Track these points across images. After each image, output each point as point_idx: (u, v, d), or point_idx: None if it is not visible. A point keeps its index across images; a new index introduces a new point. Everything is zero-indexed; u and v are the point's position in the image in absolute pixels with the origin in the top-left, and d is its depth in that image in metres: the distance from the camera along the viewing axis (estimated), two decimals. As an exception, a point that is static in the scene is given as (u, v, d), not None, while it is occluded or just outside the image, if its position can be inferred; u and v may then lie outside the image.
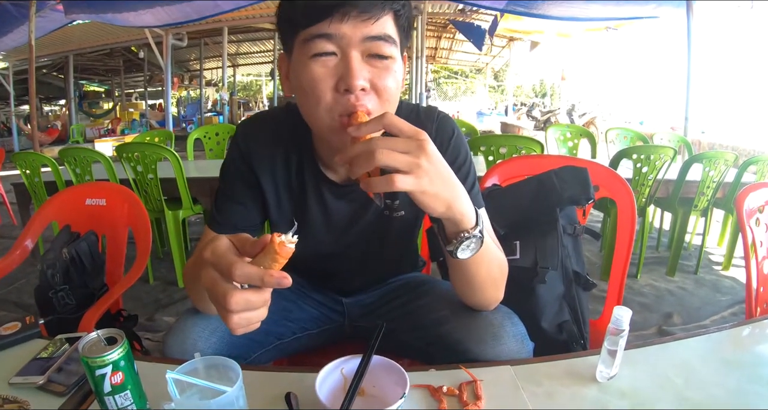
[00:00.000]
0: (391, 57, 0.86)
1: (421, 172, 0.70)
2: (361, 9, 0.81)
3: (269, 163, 1.07)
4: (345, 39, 0.82)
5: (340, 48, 0.84)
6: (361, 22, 0.82)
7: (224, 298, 0.62)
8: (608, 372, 0.89)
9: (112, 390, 0.68)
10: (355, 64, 0.82)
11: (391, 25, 0.86)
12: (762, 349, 1.11)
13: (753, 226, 1.59)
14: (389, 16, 0.85)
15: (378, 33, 0.83)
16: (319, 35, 0.83)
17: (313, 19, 0.82)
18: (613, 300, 1.55)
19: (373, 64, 0.85)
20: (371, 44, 0.84)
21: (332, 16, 0.81)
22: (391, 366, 0.83)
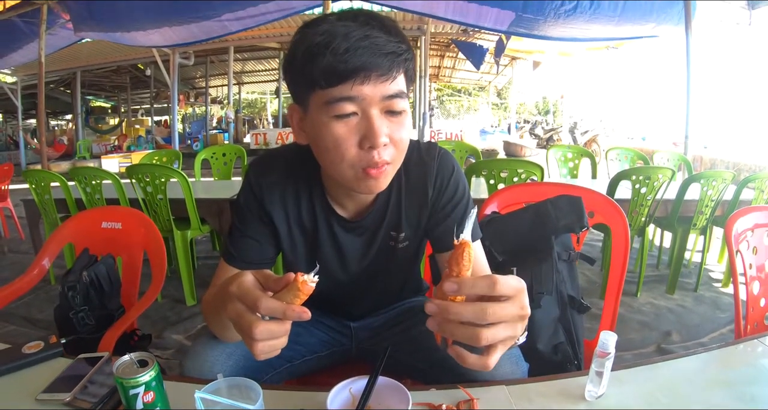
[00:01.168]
0: (404, 111, 0.93)
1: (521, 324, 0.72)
2: (381, 72, 0.87)
3: (280, 201, 1.14)
4: (366, 100, 0.88)
5: (361, 108, 0.89)
6: (380, 83, 0.88)
7: (250, 329, 0.69)
8: (596, 392, 0.96)
9: (144, 407, 0.76)
10: (377, 123, 0.89)
11: (403, 80, 0.93)
12: (747, 369, 1.16)
13: (743, 250, 1.66)
14: (402, 73, 0.92)
15: (394, 91, 0.90)
16: (342, 98, 0.88)
17: (336, 82, 0.87)
18: (607, 321, 1.61)
19: (389, 119, 0.92)
20: (389, 102, 0.90)
21: (355, 79, 0.86)
22: (395, 386, 0.90)
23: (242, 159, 5.07)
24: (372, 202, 1.15)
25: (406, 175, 1.14)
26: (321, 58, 0.85)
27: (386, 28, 0.89)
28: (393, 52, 0.88)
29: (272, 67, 21.86)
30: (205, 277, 4.18)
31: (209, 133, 18.85)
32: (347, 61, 0.84)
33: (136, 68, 18.90)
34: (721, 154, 11.18)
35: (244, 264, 1.10)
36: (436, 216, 1.15)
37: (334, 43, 0.84)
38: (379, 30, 0.88)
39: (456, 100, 38.44)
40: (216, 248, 4.89)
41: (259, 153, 5.06)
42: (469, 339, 0.67)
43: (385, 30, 0.89)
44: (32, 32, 7.40)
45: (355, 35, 0.85)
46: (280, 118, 21.53)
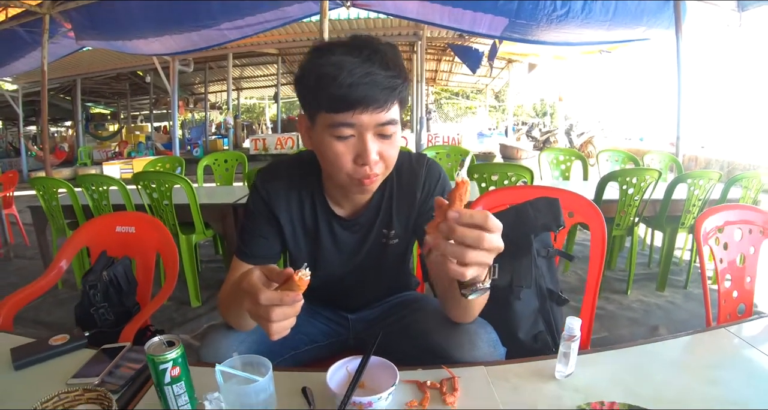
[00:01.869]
0: (395, 133, 1.10)
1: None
2: (377, 105, 1.03)
3: (285, 204, 1.30)
4: (363, 126, 1.06)
5: (358, 132, 1.07)
6: (376, 114, 1.05)
7: (267, 313, 0.84)
8: (564, 371, 1.09)
9: (171, 381, 0.88)
10: (370, 145, 1.07)
11: (396, 109, 1.09)
12: (712, 354, 1.27)
13: (713, 245, 1.78)
14: (396, 102, 1.08)
15: (387, 120, 1.07)
16: (342, 123, 1.05)
17: (339, 110, 1.04)
18: (586, 313, 1.72)
19: (381, 141, 1.10)
20: (381, 128, 1.07)
21: (353, 109, 1.03)
22: (385, 364, 1.05)
23: (243, 165, 5.19)
24: (366, 202, 1.32)
25: (398, 181, 1.32)
26: (328, 88, 1.02)
27: (385, 64, 1.04)
28: (389, 87, 1.04)
29: (270, 73, 21.95)
30: (208, 280, 4.32)
31: (209, 138, 18.97)
32: (350, 94, 1.01)
33: (136, 75, 18.98)
34: (716, 153, 11.32)
35: (254, 259, 1.28)
36: (423, 215, 1.31)
37: (340, 78, 1.00)
38: (379, 65, 1.03)
39: (454, 103, 38.56)
40: (219, 252, 5.00)
41: (258, 158, 5.22)
42: (458, 256, 0.82)
43: (384, 65, 1.04)
44: (34, 41, 7.50)
45: (358, 71, 1.01)
46: (279, 123, 21.62)
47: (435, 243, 0.83)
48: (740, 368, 1.16)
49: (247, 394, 0.88)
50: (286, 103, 31.04)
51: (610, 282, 4.11)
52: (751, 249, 1.81)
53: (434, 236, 0.83)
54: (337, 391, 0.96)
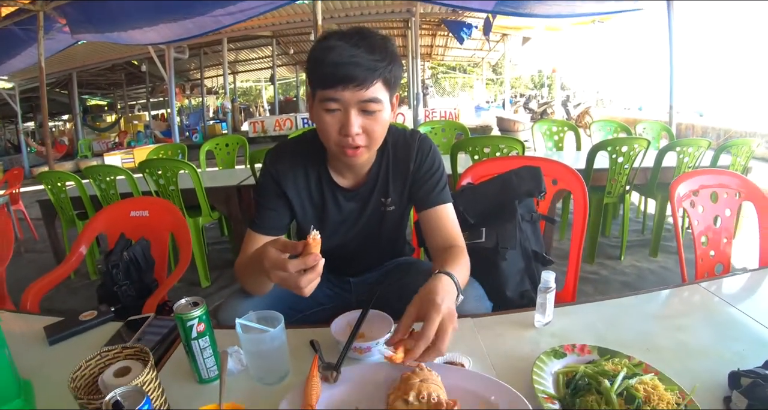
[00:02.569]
0: (378, 110, 1.23)
1: None
2: (357, 83, 1.17)
3: (293, 180, 1.44)
4: (346, 101, 1.20)
5: (342, 106, 1.21)
6: (357, 91, 1.19)
7: (297, 283, 1.00)
8: (543, 320, 1.22)
9: (197, 335, 1.02)
10: (352, 119, 1.21)
11: (380, 88, 1.22)
12: (682, 306, 1.40)
13: (688, 207, 1.91)
14: (379, 82, 1.21)
15: (369, 97, 1.20)
16: (329, 98, 1.20)
17: (325, 86, 1.20)
18: (571, 274, 1.86)
19: (365, 116, 1.23)
20: (364, 104, 1.21)
21: (337, 86, 1.18)
22: (382, 316, 1.20)
23: (244, 148, 5.31)
24: (366, 174, 1.47)
25: (393, 154, 1.46)
26: (319, 67, 1.19)
27: (371, 48, 1.19)
28: (370, 68, 1.18)
29: (266, 55, 21.85)
30: (216, 261, 4.47)
31: (207, 123, 18.98)
32: (335, 72, 1.17)
33: (131, 65, 18.92)
34: (714, 121, 11.35)
35: (266, 230, 1.42)
36: (416, 183, 1.46)
37: (328, 59, 1.17)
38: (365, 50, 1.18)
39: (451, 78, 38.40)
40: (224, 233, 5.16)
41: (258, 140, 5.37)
42: (438, 354, 1.00)
43: (369, 50, 1.18)
44: (30, 38, 7.52)
45: (344, 54, 1.16)
46: (277, 104, 21.60)
47: None
48: (708, 318, 1.27)
49: (263, 341, 1.02)
50: (283, 85, 30.96)
51: (604, 248, 4.24)
52: (727, 212, 1.93)
53: None
54: (340, 339, 1.11)
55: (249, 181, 3.94)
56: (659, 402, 0.87)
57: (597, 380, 0.93)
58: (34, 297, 1.87)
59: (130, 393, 0.79)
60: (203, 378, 1.07)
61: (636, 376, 0.93)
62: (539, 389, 0.94)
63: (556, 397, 0.94)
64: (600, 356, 1.06)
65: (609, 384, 0.91)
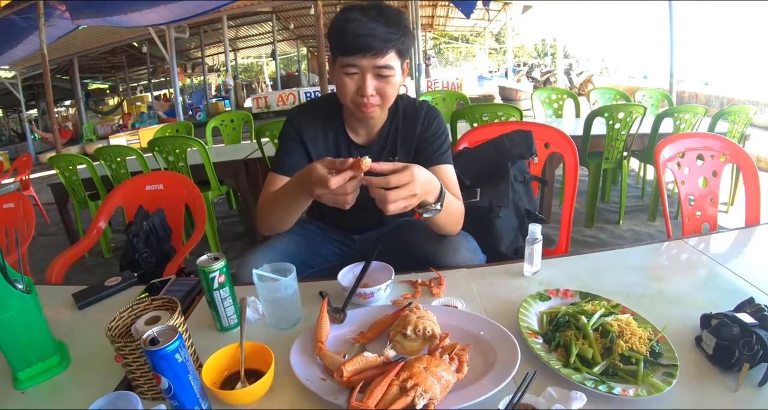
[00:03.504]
0: (391, 75, 1.40)
1: (413, 198, 1.14)
2: (374, 52, 1.33)
3: (312, 132, 1.62)
4: (362, 66, 1.37)
5: (360, 70, 1.38)
6: (373, 58, 1.35)
7: (344, 189, 1.12)
8: (531, 270, 1.34)
9: (219, 286, 1.14)
10: (368, 82, 1.38)
11: (394, 56, 1.38)
12: (665, 260, 1.51)
13: (674, 169, 2.00)
14: (393, 51, 1.37)
15: (383, 64, 1.36)
16: (349, 63, 1.37)
17: (346, 54, 1.36)
18: (564, 231, 1.96)
19: (379, 80, 1.40)
20: (379, 70, 1.38)
21: (356, 54, 1.35)
22: (384, 266, 1.33)
23: (249, 123, 5.42)
24: (378, 132, 1.63)
25: (403, 117, 1.62)
26: (341, 37, 1.36)
27: (388, 21, 1.34)
28: (385, 39, 1.33)
29: (266, 30, 21.78)
30: (225, 233, 4.61)
31: (210, 101, 18.96)
32: (355, 42, 1.33)
33: (132, 47, 18.85)
34: (717, 90, 11.27)
35: (287, 172, 1.54)
36: (422, 143, 1.60)
37: (349, 29, 1.32)
38: (382, 23, 1.33)
39: (453, 48, 38.05)
40: (233, 207, 5.31)
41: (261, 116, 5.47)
42: (380, 198, 1.12)
43: (385, 23, 1.33)
44: (30, 26, 7.51)
45: (364, 26, 1.32)
46: (279, 80, 21.55)
47: None
48: (688, 271, 1.37)
49: (277, 289, 1.14)
50: (284, 60, 30.79)
51: (603, 213, 4.33)
52: (713, 173, 2.02)
53: None
54: (346, 286, 1.24)
55: (255, 155, 4.05)
56: (632, 336, 0.96)
57: (576, 318, 1.04)
58: (60, 271, 1.99)
59: (165, 331, 0.89)
60: (224, 326, 1.19)
61: (612, 315, 1.04)
62: (524, 326, 1.05)
63: (539, 333, 1.05)
64: (581, 299, 1.16)
65: (586, 320, 1.01)
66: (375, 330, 1.08)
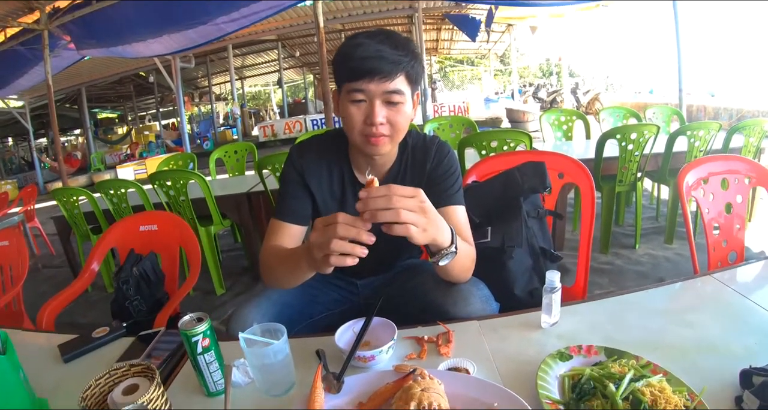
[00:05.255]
0: (401, 102, 1.30)
1: (420, 227, 1.04)
2: (382, 75, 1.24)
3: (316, 173, 1.50)
4: (371, 92, 1.27)
5: (368, 97, 1.28)
6: (381, 83, 1.25)
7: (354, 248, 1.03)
8: (549, 321, 1.21)
9: (203, 350, 1.04)
10: (377, 109, 1.28)
11: (403, 81, 1.29)
12: (693, 300, 1.37)
13: (699, 196, 1.88)
14: (402, 76, 1.28)
15: (392, 89, 1.27)
16: (355, 89, 1.27)
17: (352, 79, 1.27)
18: (581, 270, 1.82)
19: (388, 107, 1.30)
20: (388, 96, 1.27)
21: (363, 78, 1.25)
22: (386, 323, 1.20)
23: (253, 154, 5.33)
24: (386, 172, 1.51)
25: (412, 154, 1.51)
26: (347, 61, 1.27)
27: (395, 44, 1.26)
28: (394, 62, 1.25)
29: (272, 59, 21.99)
30: (230, 268, 4.50)
31: (217, 130, 19.09)
32: (362, 65, 1.24)
33: (139, 76, 19.12)
34: (725, 102, 11.15)
35: (290, 219, 1.47)
36: (432, 182, 1.47)
37: (356, 53, 1.24)
38: (389, 45, 1.25)
39: (459, 71, 38.28)
40: (237, 240, 5.19)
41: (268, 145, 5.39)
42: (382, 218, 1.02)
43: (393, 45, 1.26)
44: (36, 57, 7.67)
45: (370, 49, 1.24)
46: (285, 107, 21.68)
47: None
48: (719, 311, 1.24)
49: (267, 355, 1.03)
50: (291, 87, 31.06)
51: (618, 237, 4.20)
52: (738, 198, 1.89)
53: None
54: (344, 348, 1.12)
55: (258, 188, 3.95)
56: (666, 405, 0.86)
57: (602, 383, 0.92)
58: (50, 316, 1.90)
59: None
60: (211, 391, 1.09)
61: (643, 378, 0.92)
62: (543, 394, 0.93)
63: (561, 402, 0.93)
64: (607, 357, 1.04)
65: (614, 388, 0.89)
66: (375, 402, 0.96)
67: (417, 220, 1.03)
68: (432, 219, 1.06)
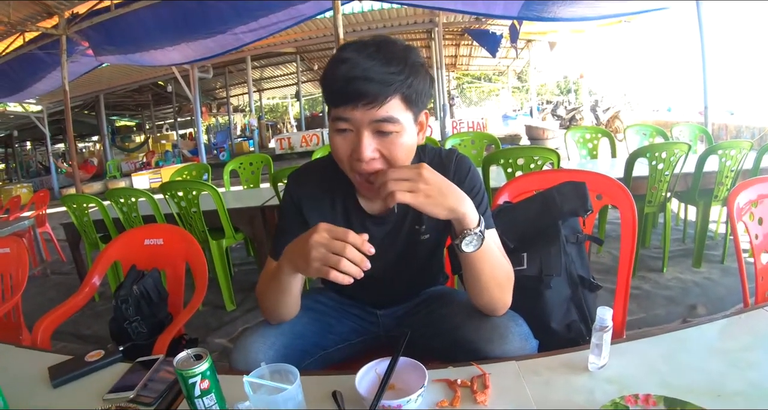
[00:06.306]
0: (395, 132, 1.09)
1: (418, 191, 1.00)
2: (367, 100, 1.03)
3: (317, 206, 1.32)
4: (357, 121, 1.07)
5: (354, 127, 1.08)
6: (369, 109, 1.05)
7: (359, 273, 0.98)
8: (597, 363, 1.06)
9: (201, 393, 0.90)
10: (364, 141, 1.07)
11: (398, 105, 1.07)
12: (748, 337, 1.21)
13: (747, 221, 1.72)
14: (396, 98, 1.07)
15: (383, 116, 1.06)
16: (339, 117, 1.08)
17: (335, 104, 1.08)
18: (620, 298, 1.68)
19: (381, 138, 1.09)
20: (378, 125, 1.07)
21: (347, 104, 1.05)
22: (414, 364, 1.04)
23: (269, 166, 5.22)
24: None
25: None
26: (329, 84, 1.07)
27: (387, 59, 1.05)
28: (383, 82, 1.03)
29: (290, 71, 22.09)
30: (242, 283, 4.36)
31: (234, 141, 19.16)
32: (343, 88, 1.04)
33: (157, 85, 19.30)
34: (746, 120, 10.95)
35: None
36: None
37: (338, 73, 1.04)
38: (380, 61, 1.04)
39: (476, 87, 38.27)
40: (250, 254, 5.07)
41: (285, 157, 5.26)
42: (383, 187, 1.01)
43: (385, 60, 1.04)
44: (54, 62, 7.71)
45: (357, 67, 1.03)
46: (303, 120, 21.72)
47: None
48: None
49: (276, 403, 0.88)
50: (309, 100, 31.18)
51: (644, 260, 4.02)
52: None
53: None
54: (366, 395, 0.96)
55: (273, 201, 3.83)
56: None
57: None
58: (45, 332, 1.77)
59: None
60: (211, 438, 0.94)
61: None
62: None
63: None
64: (667, 408, 0.91)
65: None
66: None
67: (412, 186, 1.00)
68: (435, 185, 1.02)
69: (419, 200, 1.01)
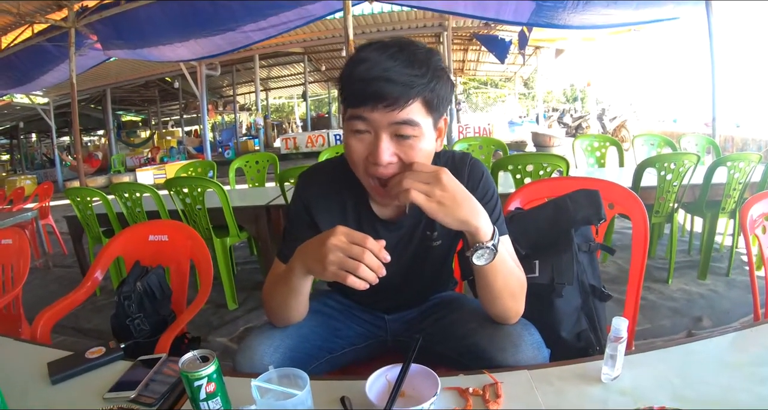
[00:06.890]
0: (415, 136, 1.06)
1: (433, 196, 0.99)
2: (388, 102, 1.01)
3: (327, 209, 1.29)
4: (375, 123, 1.04)
5: (372, 128, 1.05)
6: (389, 112, 1.02)
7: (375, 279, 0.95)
8: (611, 374, 1.03)
9: (207, 397, 0.87)
10: (382, 144, 1.05)
11: (418, 108, 1.05)
12: (761, 350, 1.19)
13: (759, 234, 1.70)
14: (418, 102, 1.04)
15: (402, 119, 1.03)
16: (357, 116, 1.05)
17: (353, 104, 1.05)
18: (630, 306, 1.67)
19: (399, 142, 1.06)
20: (397, 127, 1.04)
21: (365, 105, 1.02)
22: (426, 372, 1.01)
23: (275, 165, 5.20)
24: (410, 205, 1.25)
25: None
26: (348, 83, 1.05)
27: (410, 60, 1.02)
28: (405, 84, 1.01)
29: (298, 71, 22.08)
30: (244, 282, 4.34)
31: (240, 140, 19.16)
32: (364, 89, 1.01)
33: (164, 81, 19.32)
34: (753, 133, 10.91)
35: None
36: None
37: (357, 73, 1.01)
38: (402, 63, 1.01)
39: (483, 93, 38.27)
40: (253, 253, 5.05)
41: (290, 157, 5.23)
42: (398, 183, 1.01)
43: (407, 61, 1.02)
44: (62, 54, 7.71)
45: (377, 67, 1.00)
46: (309, 121, 21.72)
47: None
48: None
49: (285, 407, 0.86)
50: (315, 101, 31.23)
51: (650, 270, 4.00)
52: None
53: None
54: (376, 402, 0.93)
55: (278, 201, 3.80)
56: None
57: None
58: (45, 327, 1.74)
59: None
60: (215, 443, 0.91)
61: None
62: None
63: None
64: (683, 422, 0.88)
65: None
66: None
67: (428, 189, 0.98)
68: (451, 194, 1.00)
69: (431, 205, 0.99)
